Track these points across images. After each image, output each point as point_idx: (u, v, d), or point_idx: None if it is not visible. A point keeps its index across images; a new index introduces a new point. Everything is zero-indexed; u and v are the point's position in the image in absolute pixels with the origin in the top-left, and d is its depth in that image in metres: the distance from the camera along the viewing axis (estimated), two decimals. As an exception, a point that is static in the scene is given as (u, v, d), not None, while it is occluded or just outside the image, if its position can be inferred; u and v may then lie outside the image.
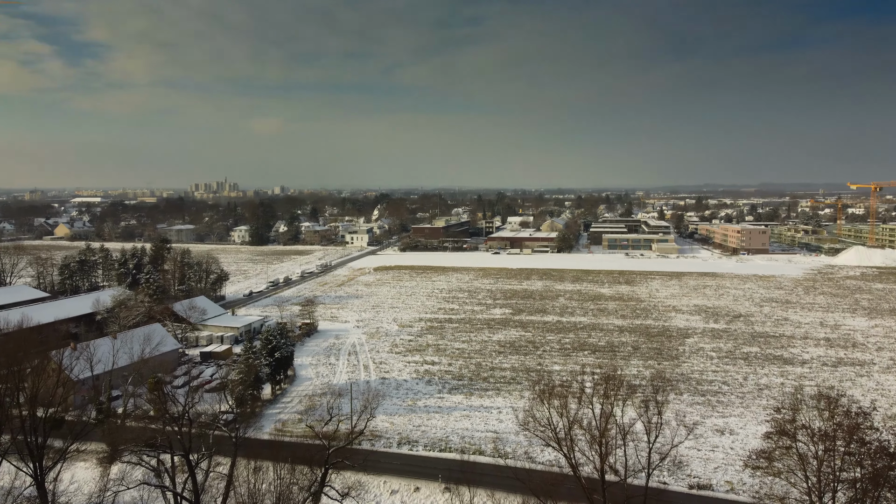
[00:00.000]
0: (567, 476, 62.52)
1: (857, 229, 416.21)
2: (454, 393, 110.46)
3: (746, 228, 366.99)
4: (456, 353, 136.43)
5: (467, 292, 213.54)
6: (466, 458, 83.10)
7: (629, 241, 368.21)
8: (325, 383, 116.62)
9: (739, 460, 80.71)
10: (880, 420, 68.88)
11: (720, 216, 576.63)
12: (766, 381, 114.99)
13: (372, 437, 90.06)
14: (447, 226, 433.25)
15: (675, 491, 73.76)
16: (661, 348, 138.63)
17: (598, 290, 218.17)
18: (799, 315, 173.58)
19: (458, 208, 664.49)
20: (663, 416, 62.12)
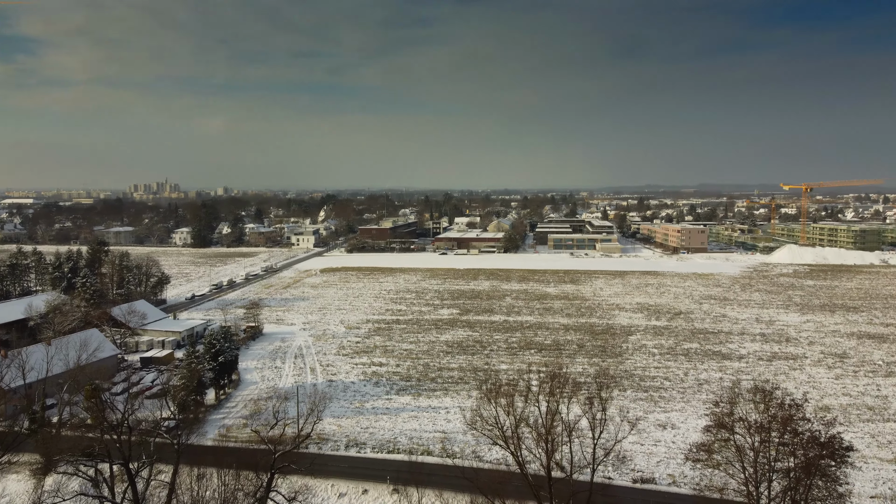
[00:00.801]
0: (514, 474, 63.15)
1: (789, 228, 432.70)
2: (402, 394, 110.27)
3: (686, 228, 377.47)
4: (404, 354, 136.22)
5: (415, 293, 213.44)
6: (415, 458, 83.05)
7: (574, 241, 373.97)
8: (270, 387, 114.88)
9: (681, 454, 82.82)
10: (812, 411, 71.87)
11: (661, 216, 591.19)
12: (705, 376, 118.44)
13: (319, 440, 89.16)
14: (394, 227, 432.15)
15: (620, 485, 75.29)
16: (606, 346, 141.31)
17: (544, 289, 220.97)
18: (736, 312, 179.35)
19: (406, 209, 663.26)
20: (607, 412, 63.34)
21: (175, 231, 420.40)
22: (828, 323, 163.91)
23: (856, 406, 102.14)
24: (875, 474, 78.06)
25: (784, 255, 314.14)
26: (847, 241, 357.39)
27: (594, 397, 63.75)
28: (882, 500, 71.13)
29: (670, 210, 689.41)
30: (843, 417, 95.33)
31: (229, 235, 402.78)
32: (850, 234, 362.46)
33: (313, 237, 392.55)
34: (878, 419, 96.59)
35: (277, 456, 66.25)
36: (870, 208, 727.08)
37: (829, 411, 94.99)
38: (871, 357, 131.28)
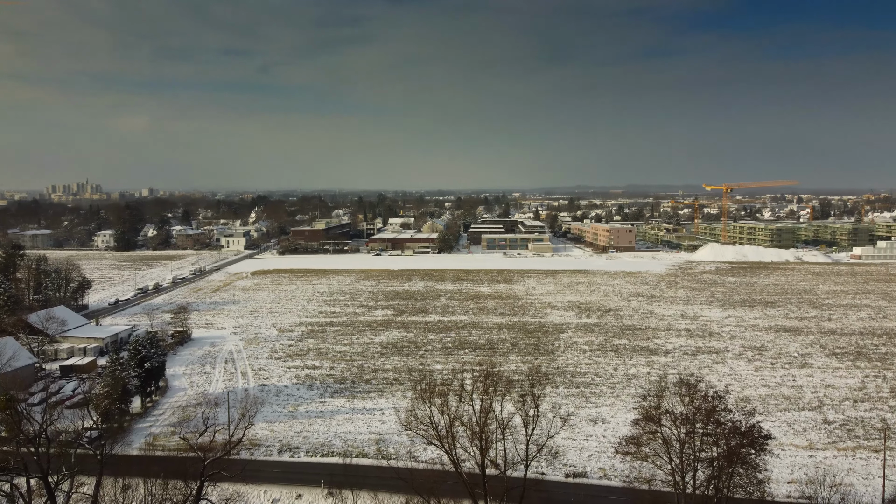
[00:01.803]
0: (449, 473, 63.41)
1: (711, 227, 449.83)
2: (336, 396, 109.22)
3: (615, 228, 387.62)
4: (338, 356, 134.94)
5: (349, 295, 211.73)
6: (349, 461, 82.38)
7: (507, 241, 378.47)
8: (200, 393, 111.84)
9: (611, 447, 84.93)
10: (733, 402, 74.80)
11: (591, 216, 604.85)
12: (634, 371, 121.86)
13: (251, 445, 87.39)
14: (328, 228, 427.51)
15: (553, 480, 76.67)
16: (538, 343, 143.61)
17: (478, 289, 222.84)
18: (662, 308, 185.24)
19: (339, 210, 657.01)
20: (540, 408, 64.41)
21: (97, 234, 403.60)
22: (747, 318, 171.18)
23: (773, 396, 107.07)
24: (791, 461, 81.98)
25: (707, 253, 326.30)
26: (765, 239, 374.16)
27: (527, 394, 64.66)
28: (798, 484, 74.73)
29: (600, 210, 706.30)
30: (762, 407, 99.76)
31: (155, 238, 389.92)
32: (768, 233, 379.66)
33: (244, 239, 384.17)
34: (794, 408, 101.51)
35: (207, 463, 64.54)
36: (785, 208, 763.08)
37: (749, 402, 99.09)
38: (788, 349, 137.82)
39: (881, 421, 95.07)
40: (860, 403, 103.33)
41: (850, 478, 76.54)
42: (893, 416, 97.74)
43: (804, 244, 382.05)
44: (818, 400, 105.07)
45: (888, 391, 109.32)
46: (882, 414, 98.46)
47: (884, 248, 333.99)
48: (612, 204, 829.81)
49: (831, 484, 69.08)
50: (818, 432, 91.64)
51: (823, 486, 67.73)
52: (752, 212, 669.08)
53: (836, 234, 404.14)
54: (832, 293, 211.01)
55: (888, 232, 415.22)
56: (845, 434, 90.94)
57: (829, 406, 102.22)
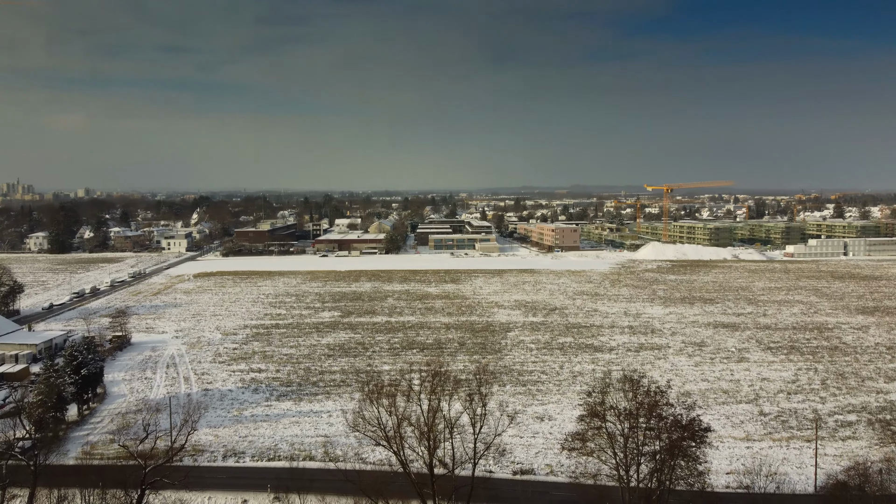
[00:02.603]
0: (398, 473, 63.30)
1: (653, 227, 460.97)
2: (283, 400, 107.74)
3: (560, 227, 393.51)
4: (284, 358, 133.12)
5: (295, 296, 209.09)
6: (296, 464, 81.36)
7: (454, 242, 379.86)
8: (140, 399, 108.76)
9: (557, 444, 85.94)
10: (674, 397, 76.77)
11: (537, 216, 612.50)
12: (579, 369, 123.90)
13: (194, 451, 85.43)
14: (273, 229, 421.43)
15: (500, 478, 77.28)
16: (486, 343, 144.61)
17: (426, 289, 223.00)
18: (606, 306, 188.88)
19: (284, 211, 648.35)
20: (487, 407, 64.88)
21: (29, 236, 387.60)
22: (688, 314, 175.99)
23: (713, 390, 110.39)
24: (730, 452, 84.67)
25: (648, 252, 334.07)
26: (703, 238, 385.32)
27: (474, 393, 65.05)
28: (736, 475, 77.20)
29: (545, 210, 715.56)
30: (702, 401, 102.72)
31: (92, 240, 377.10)
32: (706, 232, 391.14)
33: (186, 241, 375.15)
34: (732, 401, 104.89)
35: (148, 471, 62.92)
36: (722, 207, 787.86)
37: (690, 396, 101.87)
38: (726, 345, 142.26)
39: (813, 412, 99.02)
40: (793, 395, 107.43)
41: (784, 467, 79.49)
42: (824, 406, 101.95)
43: (741, 242, 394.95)
44: (754, 393, 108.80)
45: (819, 383, 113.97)
46: (814, 405, 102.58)
47: (814, 245, 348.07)
48: (557, 204, 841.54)
49: (767, 473, 71.55)
50: (755, 424, 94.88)
51: (760, 476, 70.18)
52: (691, 211, 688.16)
53: (771, 232, 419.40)
54: (767, 290, 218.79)
55: (818, 230, 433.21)
56: (780, 425, 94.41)
57: (764, 398, 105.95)
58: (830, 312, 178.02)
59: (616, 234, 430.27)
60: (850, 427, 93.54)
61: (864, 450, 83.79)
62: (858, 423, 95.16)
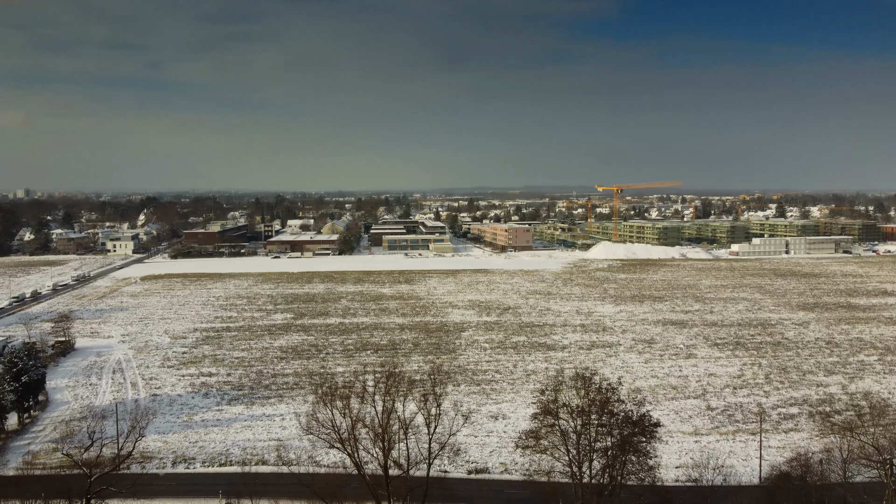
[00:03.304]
0: (352, 475, 62.94)
1: (604, 227, 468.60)
2: (234, 404, 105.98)
3: (513, 227, 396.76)
4: (235, 362, 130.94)
5: (246, 299, 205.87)
6: (249, 469, 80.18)
7: (408, 242, 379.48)
8: (85, 406, 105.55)
9: (511, 442, 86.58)
10: (625, 393, 78.53)
11: (490, 216, 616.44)
12: (532, 367, 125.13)
13: (143, 458, 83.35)
14: (223, 230, 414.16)
15: (455, 477, 77.53)
16: (440, 343, 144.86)
17: (380, 290, 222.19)
18: (559, 305, 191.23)
19: (235, 212, 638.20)
20: (442, 407, 65.04)
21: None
22: (638, 312, 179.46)
23: (662, 386, 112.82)
24: (679, 446, 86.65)
25: (600, 252, 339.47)
26: (652, 237, 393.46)
27: (429, 394, 65.16)
28: (685, 468, 79.09)
29: (498, 210, 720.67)
30: (652, 397, 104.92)
31: (33, 242, 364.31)
32: (655, 231, 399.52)
33: (132, 243, 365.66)
34: (681, 396, 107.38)
35: (94, 479, 61.18)
36: (671, 207, 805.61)
37: (640, 392, 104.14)
38: (674, 341, 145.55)
39: (757, 405, 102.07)
40: (739, 390, 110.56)
41: (730, 459, 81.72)
42: (768, 400, 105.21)
43: (688, 242, 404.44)
44: (702, 388, 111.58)
45: (763, 378, 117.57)
46: (758, 399, 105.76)
47: (758, 244, 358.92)
48: (510, 204, 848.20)
49: (714, 466, 73.52)
50: (702, 418, 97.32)
51: (707, 469, 72.09)
52: (640, 211, 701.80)
53: (717, 232, 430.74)
54: (713, 287, 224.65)
55: (762, 230, 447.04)
56: (726, 419, 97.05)
57: (711, 393, 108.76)
58: (773, 309, 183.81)
59: (568, 234, 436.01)
60: (793, 419, 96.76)
61: (805, 441, 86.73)
62: (800, 415, 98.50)
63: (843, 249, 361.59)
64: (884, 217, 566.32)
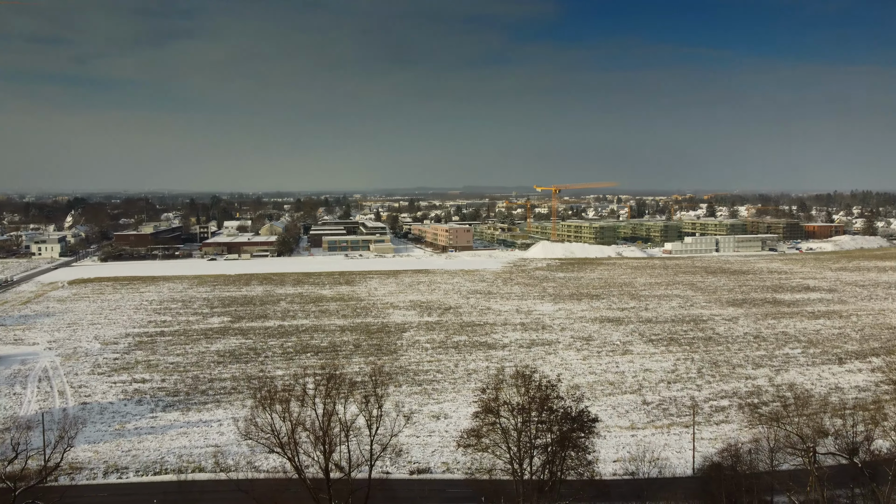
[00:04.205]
0: (293, 480, 62.06)
1: (542, 226, 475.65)
2: (169, 410, 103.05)
3: (453, 228, 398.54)
4: (170, 367, 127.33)
5: (181, 302, 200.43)
6: (185, 477, 78.07)
7: (348, 243, 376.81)
8: (8, 416, 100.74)
9: (453, 441, 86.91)
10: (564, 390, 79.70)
11: (431, 217, 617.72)
12: (474, 366, 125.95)
13: (71, 469, 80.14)
14: (156, 232, 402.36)
15: (397, 478, 77.38)
16: (381, 344, 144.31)
17: (320, 291, 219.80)
18: (499, 304, 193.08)
19: (169, 213, 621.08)
20: (383, 408, 64.77)
21: None
22: (576, 310, 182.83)
23: (600, 382, 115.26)
24: (616, 441, 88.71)
25: (539, 251, 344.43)
26: (590, 236, 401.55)
27: (370, 395, 64.82)
28: (622, 462, 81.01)
29: (439, 211, 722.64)
30: (590, 393, 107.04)
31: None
32: (592, 231, 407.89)
33: (59, 245, 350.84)
34: (618, 392, 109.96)
35: (19, 493, 58.51)
36: (607, 207, 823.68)
37: (579, 389, 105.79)
38: (611, 338, 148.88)
39: (690, 399, 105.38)
40: (673, 384, 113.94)
41: (665, 452, 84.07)
42: (700, 394, 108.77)
43: (624, 241, 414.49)
44: (638, 383, 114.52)
45: (696, 372, 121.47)
46: (691, 392, 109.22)
47: (690, 243, 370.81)
48: (450, 205, 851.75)
49: (650, 459, 75.39)
50: (638, 413, 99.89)
51: (644, 462, 73.93)
52: (578, 211, 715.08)
53: (651, 231, 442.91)
54: (648, 285, 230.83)
55: (693, 229, 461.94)
56: (661, 413, 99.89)
57: (647, 388, 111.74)
58: (705, 305, 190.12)
59: (508, 234, 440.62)
60: (723, 412, 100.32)
61: (735, 432, 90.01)
62: (730, 407, 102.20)
63: (768, 247, 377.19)
64: (806, 216, 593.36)
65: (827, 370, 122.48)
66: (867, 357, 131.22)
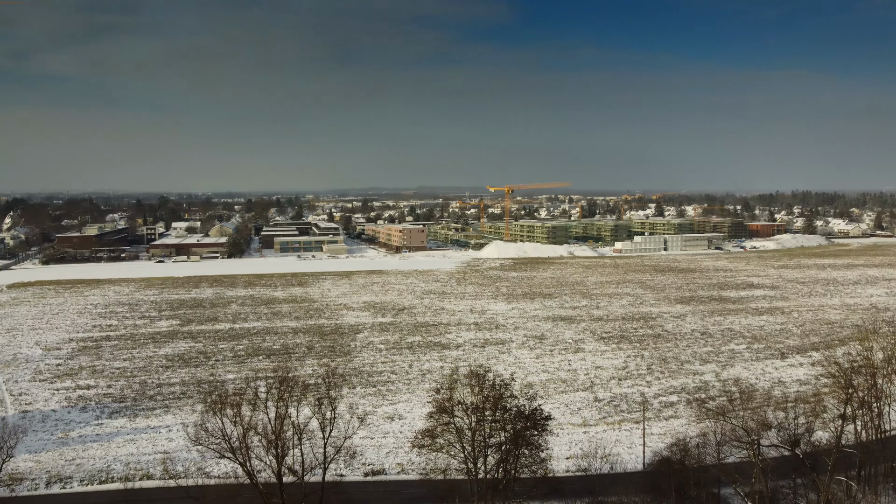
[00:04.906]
0: (244, 485, 61.08)
1: (496, 226, 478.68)
2: (116, 417, 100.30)
3: (407, 228, 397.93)
4: (116, 373, 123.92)
5: (128, 305, 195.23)
6: (132, 485, 76.05)
7: (301, 244, 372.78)
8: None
9: (408, 442, 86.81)
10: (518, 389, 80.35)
11: (384, 217, 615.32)
12: (428, 367, 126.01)
13: (11, 481, 77.27)
14: (101, 234, 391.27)
15: (351, 481, 76.87)
16: (335, 345, 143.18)
17: (272, 293, 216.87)
18: (453, 304, 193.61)
19: (115, 214, 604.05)
20: (337, 410, 64.27)
21: None
22: (529, 309, 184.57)
23: (552, 380, 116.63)
24: (569, 438, 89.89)
25: (492, 251, 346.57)
26: (542, 236, 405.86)
27: (324, 397, 64.26)
28: (575, 459, 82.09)
29: (393, 211, 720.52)
30: (543, 391, 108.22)
31: None
32: (544, 231, 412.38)
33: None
34: (570, 390, 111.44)
35: (-45, 507, 56.17)
36: (559, 207, 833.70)
37: (532, 387, 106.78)
38: (563, 336, 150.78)
39: (640, 395, 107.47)
40: (623, 381, 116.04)
41: (617, 448, 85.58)
42: (650, 390, 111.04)
43: (575, 240, 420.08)
44: (590, 381, 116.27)
45: (646, 368, 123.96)
46: (641, 389, 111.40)
47: (639, 242, 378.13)
48: (404, 205, 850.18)
49: (602, 455, 76.71)
50: (590, 410, 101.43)
51: (596, 458, 75.16)
52: (530, 211, 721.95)
53: (601, 230, 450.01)
54: (599, 284, 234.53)
55: (642, 228, 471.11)
56: (612, 409, 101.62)
57: (598, 385, 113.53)
58: (654, 303, 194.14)
59: (461, 234, 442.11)
60: (672, 407, 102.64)
61: (683, 427, 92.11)
62: (679, 402, 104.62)
63: (714, 246, 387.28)
64: (750, 216, 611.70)
65: (770, 365, 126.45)
66: (808, 351, 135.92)
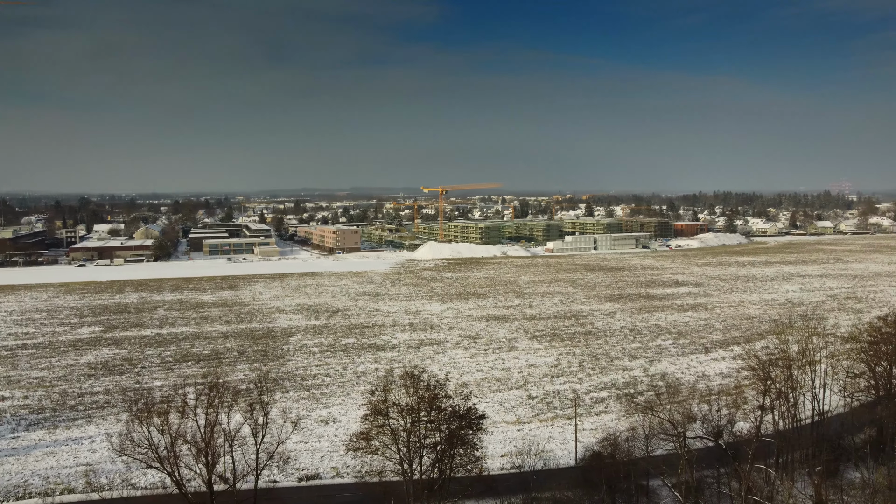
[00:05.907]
0: (173, 495, 59.41)
1: (430, 227, 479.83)
2: (33, 429, 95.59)
3: (341, 229, 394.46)
4: (34, 382, 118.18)
5: (46, 312, 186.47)
6: (52, 500, 72.62)
7: (231, 246, 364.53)
8: None
9: (343, 445, 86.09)
10: (453, 388, 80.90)
11: (317, 218, 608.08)
12: (363, 369, 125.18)
13: (-82, 501, 72.78)
14: (16, 237, 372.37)
15: (285, 486, 75.55)
16: (267, 349, 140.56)
17: (201, 297, 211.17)
18: (388, 305, 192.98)
19: (31, 216, 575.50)
20: (270, 415, 63.24)
21: None
22: (463, 309, 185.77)
23: (487, 379, 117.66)
24: (503, 436, 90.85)
25: (426, 252, 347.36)
26: (476, 237, 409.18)
27: (256, 402, 63.11)
28: (509, 456, 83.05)
29: (326, 212, 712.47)
30: (478, 390, 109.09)
31: None
32: (478, 231, 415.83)
33: None
34: (504, 388, 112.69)
35: None
36: (492, 208, 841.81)
37: (467, 387, 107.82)
38: (497, 336, 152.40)
39: (572, 392, 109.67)
40: (556, 378, 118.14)
41: (550, 444, 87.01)
42: (582, 386, 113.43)
43: (508, 240, 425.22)
44: (523, 379, 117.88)
45: (577, 366, 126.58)
46: (573, 385, 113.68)
47: (570, 241, 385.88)
48: (337, 206, 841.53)
49: (536, 452, 77.88)
50: (524, 408, 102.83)
51: (530, 455, 76.25)
52: (464, 212, 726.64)
53: (534, 230, 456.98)
54: (532, 283, 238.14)
55: (573, 228, 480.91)
56: (545, 407, 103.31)
57: (532, 383, 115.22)
58: (585, 301, 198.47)
59: (396, 235, 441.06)
60: (603, 402, 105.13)
61: (613, 421, 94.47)
62: (609, 398, 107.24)
63: (642, 245, 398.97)
64: (675, 215, 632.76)
65: (695, 359, 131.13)
66: (729, 346, 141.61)
